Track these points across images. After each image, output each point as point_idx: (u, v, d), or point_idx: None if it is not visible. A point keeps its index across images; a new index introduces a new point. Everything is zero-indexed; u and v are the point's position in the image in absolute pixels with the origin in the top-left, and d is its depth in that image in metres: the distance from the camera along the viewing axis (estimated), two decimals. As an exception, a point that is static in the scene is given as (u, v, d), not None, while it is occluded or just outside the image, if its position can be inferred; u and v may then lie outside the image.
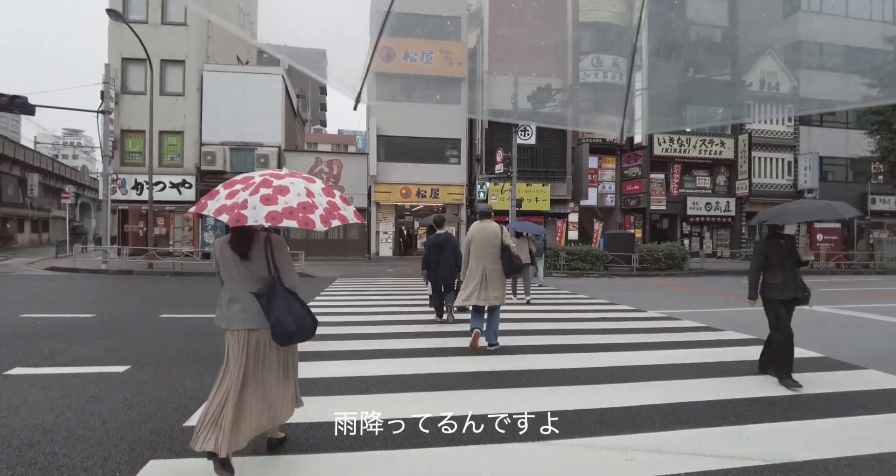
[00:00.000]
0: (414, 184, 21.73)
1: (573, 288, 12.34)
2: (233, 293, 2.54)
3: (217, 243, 2.62)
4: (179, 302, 9.02)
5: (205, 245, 20.65)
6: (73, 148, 73.03)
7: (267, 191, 2.24)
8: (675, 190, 24.69)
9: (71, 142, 76.35)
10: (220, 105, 20.94)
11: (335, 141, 62.86)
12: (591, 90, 23.33)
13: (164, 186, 20.67)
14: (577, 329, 6.56)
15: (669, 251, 18.16)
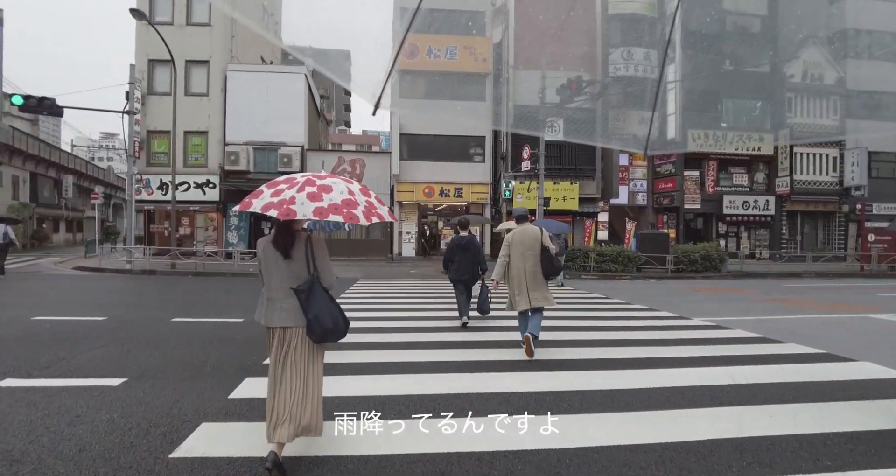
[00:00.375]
0: (437, 183, 21.26)
1: (606, 291, 11.64)
2: (273, 291, 2.64)
3: (260, 243, 2.72)
4: (195, 305, 8.74)
5: (228, 245, 20.61)
6: (108, 150, 75.18)
7: (312, 189, 2.37)
8: (710, 188, 23.57)
9: (105, 145, 78.64)
10: (244, 105, 20.89)
11: (359, 141, 62.93)
12: (621, 84, 22.46)
13: (189, 186, 20.72)
14: (618, 340, 5.94)
15: (706, 252, 17.20)
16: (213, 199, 20.82)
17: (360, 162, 21.28)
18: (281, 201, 2.31)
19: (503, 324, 6.83)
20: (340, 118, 71.47)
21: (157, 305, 8.54)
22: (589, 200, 21.58)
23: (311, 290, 2.53)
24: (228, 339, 5.66)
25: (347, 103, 75.74)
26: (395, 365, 4.60)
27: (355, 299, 9.62)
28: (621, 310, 8.60)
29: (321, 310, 2.52)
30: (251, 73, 21.11)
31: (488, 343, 5.69)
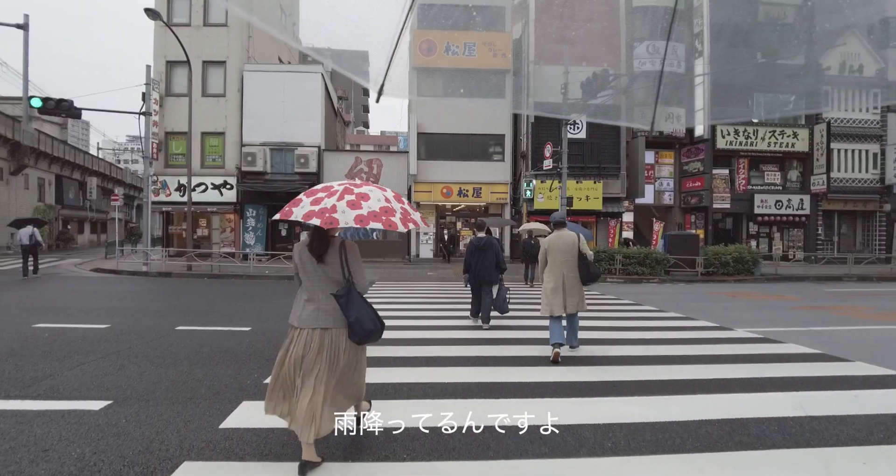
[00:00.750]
0: (455, 182, 20.76)
1: (635, 296, 10.97)
2: (310, 293, 2.75)
3: (296, 247, 2.82)
4: (204, 310, 8.39)
5: (245, 247, 20.45)
6: (132, 152, 76.68)
7: (351, 197, 2.46)
8: (740, 187, 22.56)
9: (131, 147, 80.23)
10: (261, 105, 20.71)
11: (377, 142, 62.89)
12: (646, 79, 21.61)
13: (206, 188, 20.63)
14: (658, 356, 5.33)
15: (738, 254, 16.34)
16: (230, 201, 20.68)
17: (378, 162, 20.90)
18: (322, 210, 2.41)
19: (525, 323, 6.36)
20: (359, 119, 71.54)
21: (164, 311, 8.22)
22: (613, 200, 20.81)
23: (348, 294, 2.64)
24: (231, 352, 5.25)
25: (366, 104, 75.79)
26: (420, 387, 4.11)
27: (370, 305, 9.17)
28: (656, 319, 7.96)
29: (361, 313, 2.63)
30: (268, 73, 20.91)
31: (510, 359, 5.16)
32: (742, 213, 22.89)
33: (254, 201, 20.66)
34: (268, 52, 23.69)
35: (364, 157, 20.96)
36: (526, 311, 8.39)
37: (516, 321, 7.50)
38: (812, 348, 5.69)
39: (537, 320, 7.10)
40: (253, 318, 7.41)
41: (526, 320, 7.52)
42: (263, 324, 6.97)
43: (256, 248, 20.46)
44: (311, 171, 20.28)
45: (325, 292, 2.71)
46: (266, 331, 6.45)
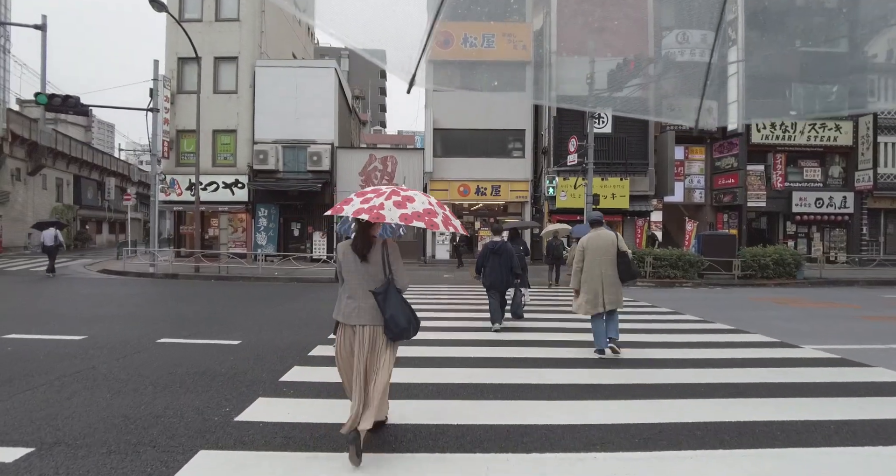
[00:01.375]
0: (473, 180, 19.88)
1: (672, 303, 9.93)
2: (352, 291, 2.87)
3: (340, 246, 2.98)
4: (197, 318, 7.67)
5: (257, 247, 19.88)
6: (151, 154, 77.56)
7: (397, 198, 2.70)
8: (777, 183, 21.18)
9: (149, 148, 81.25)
10: (273, 102, 20.14)
11: (394, 142, 62.13)
12: (676, 71, 20.40)
13: (218, 187, 20.14)
14: (724, 383, 4.37)
15: (779, 256, 15.10)
16: (241, 200, 20.15)
17: (392, 159, 20.14)
18: (371, 207, 2.60)
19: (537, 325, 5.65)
20: (376, 118, 71.12)
21: (154, 318, 7.52)
22: (640, 198, 19.67)
23: (387, 292, 2.78)
24: (209, 374, 4.46)
25: (383, 103, 75.39)
26: (414, 427, 3.26)
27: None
28: (703, 331, 6.96)
29: (397, 310, 2.78)
30: (280, 69, 20.32)
31: (525, 362, 4.27)
32: (779, 212, 21.51)
33: (265, 200, 20.09)
34: (281, 47, 23.14)
35: (378, 154, 20.22)
36: (546, 314, 7.49)
37: (541, 323, 6.67)
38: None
39: (555, 322, 7.00)
40: (247, 328, 6.66)
41: (548, 322, 6.70)
42: (257, 336, 6.20)
43: (268, 248, 19.89)
44: (324, 168, 19.61)
45: (365, 290, 2.83)
46: (257, 345, 5.66)
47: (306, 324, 7.18)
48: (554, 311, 8.87)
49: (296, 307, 8.89)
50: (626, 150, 19.69)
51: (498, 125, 19.98)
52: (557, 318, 7.84)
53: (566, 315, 7.90)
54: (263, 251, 19.73)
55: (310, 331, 6.61)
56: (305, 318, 7.73)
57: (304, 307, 8.92)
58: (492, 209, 21.33)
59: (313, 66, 20.75)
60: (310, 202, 19.98)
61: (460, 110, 19.90)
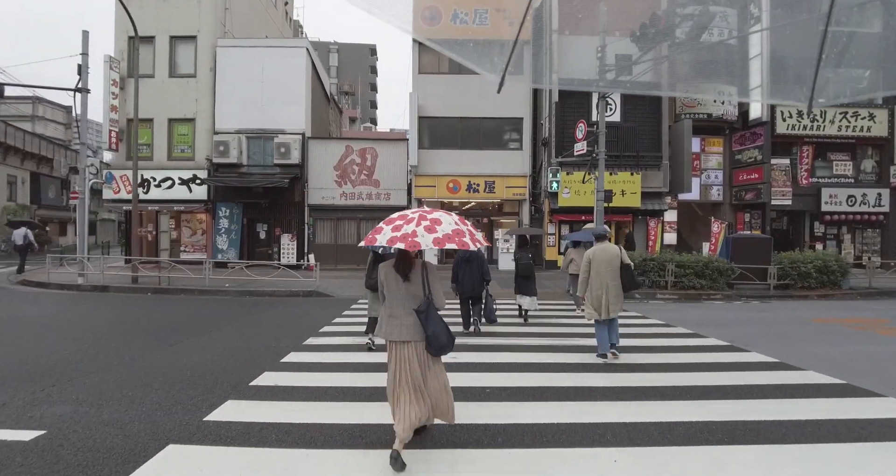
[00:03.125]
0: (464, 175, 17.52)
1: (712, 327, 7.59)
2: (393, 309, 3.09)
3: (382, 267, 3.14)
4: (53, 364, 5.27)
5: (217, 252, 17.44)
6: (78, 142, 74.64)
7: (426, 222, 2.87)
8: (803, 179, 18.95)
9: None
10: (236, 87, 17.72)
11: (386, 139, 59.77)
12: (691, 53, 18.12)
13: (173, 183, 17.69)
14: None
15: (823, 263, 12.84)
16: (200, 198, 17.69)
17: (372, 152, 17.74)
18: (404, 235, 2.79)
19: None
20: (366, 115, 68.64)
21: (26, 352, 5.11)
22: (653, 195, 17.38)
23: (427, 310, 3.00)
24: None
25: (373, 99, 72.97)
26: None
27: (335, 343, 5.97)
28: (802, 392, 4.63)
29: (438, 328, 3.00)
30: (244, 49, 17.87)
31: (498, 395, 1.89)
32: (805, 211, 19.28)
33: (227, 198, 17.65)
34: (251, 29, 20.66)
35: (356, 145, 17.81)
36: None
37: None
38: None
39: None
40: (106, 391, 4.27)
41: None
42: (92, 413, 3.80)
43: (230, 253, 17.47)
44: (292, 162, 17.19)
45: (406, 308, 3.05)
46: (68, 439, 3.27)
47: (215, 380, 4.77)
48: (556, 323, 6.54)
49: (232, 331, 6.49)
50: (637, 142, 17.40)
51: (492, 113, 17.62)
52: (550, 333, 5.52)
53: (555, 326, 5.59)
54: (225, 256, 17.36)
55: (213, 393, 4.21)
56: (223, 365, 5.33)
57: (233, 339, 6.53)
58: (485, 208, 18.98)
59: (282, 45, 18.30)
60: (277, 200, 17.58)
61: (450, 96, 17.53)
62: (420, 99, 17.45)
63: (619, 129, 16.87)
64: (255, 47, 17.99)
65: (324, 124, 21.48)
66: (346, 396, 4.29)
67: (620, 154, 16.77)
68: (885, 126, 18.63)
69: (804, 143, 18.87)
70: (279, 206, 17.71)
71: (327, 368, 5.19)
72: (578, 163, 16.89)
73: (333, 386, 4.55)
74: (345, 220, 17.80)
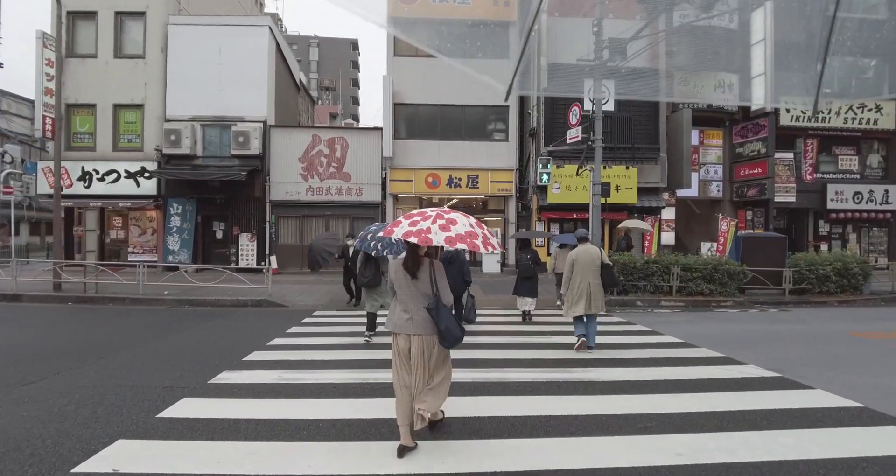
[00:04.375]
0: (444, 168, 15.90)
1: (735, 345, 6.09)
2: (404, 305, 3.20)
3: (392, 265, 3.32)
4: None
5: (168, 253, 15.57)
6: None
7: (442, 221, 2.98)
8: (807, 175, 17.74)
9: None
10: (191, 69, 15.86)
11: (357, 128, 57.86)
12: (691, 38, 16.76)
13: (119, 176, 15.76)
14: None
15: (843, 265, 11.51)
16: (149, 193, 15.78)
17: (342, 142, 16.01)
18: (419, 231, 2.91)
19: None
20: (348, 111, 66.59)
21: None
22: (650, 191, 15.98)
23: (438, 307, 3.09)
24: None
25: (355, 95, 70.98)
26: None
27: (267, 376, 4.26)
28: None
29: (450, 322, 3.09)
30: (199, 28, 16.00)
31: None
32: (809, 208, 18.09)
33: (180, 193, 15.77)
34: (212, 4, 18.76)
35: (324, 135, 16.05)
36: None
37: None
38: None
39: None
40: None
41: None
42: None
43: (182, 255, 15.60)
44: (252, 152, 15.38)
45: (417, 304, 3.15)
46: None
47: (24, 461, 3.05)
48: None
49: (103, 376, 4.76)
50: (633, 133, 15.98)
51: (475, 100, 16.02)
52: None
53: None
54: (176, 258, 15.49)
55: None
56: (59, 427, 3.60)
57: (121, 373, 4.79)
58: (468, 205, 17.36)
59: (242, 24, 16.43)
60: (236, 195, 15.75)
61: (428, 81, 15.88)
62: (396, 84, 15.78)
63: (613, 119, 15.35)
64: (212, 26, 16.11)
65: (292, 114, 19.67)
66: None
67: (615, 146, 15.31)
68: (892, 119, 17.51)
69: (808, 136, 17.66)
70: (238, 202, 15.88)
71: (223, 432, 3.50)
72: (570, 155, 15.40)
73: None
74: (311, 218, 16.03)
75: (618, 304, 10.49)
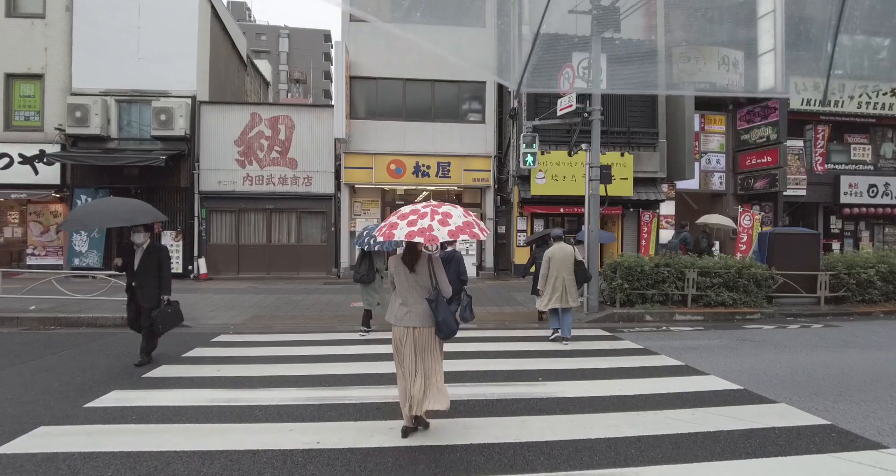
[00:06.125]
0: (410, 154, 13.47)
1: (815, 390, 3.85)
2: (403, 298, 3.34)
3: (392, 260, 3.43)
4: None
5: (74, 256, 12.79)
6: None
7: (438, 216, 3.03)
8: (819, 165, 15.88)
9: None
10: (102, 32, 13.11)
11: (305, 104, 55.07)
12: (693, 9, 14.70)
13: (11, 161, 12.93)
14: None
15: (889, 268, 9.50)
16: (50, 182, 12.96)
17: (287, 121, 13.41)
18: (421, 230, 2.95)
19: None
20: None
21: None
22: (647, 182, 13.86)
23: (437, 299, 3.24)
24: None
25: (328, 89, 67.85)
26: None
27: None
28: None
29: (447, 315, 3.24)
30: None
31: None
32: (818, 202, 16.24)
33: (89, 182, 13.00)
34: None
35: (265, 113, 13.41)
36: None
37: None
38: None
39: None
40: None
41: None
42: None
43: (90, 257, 12.83)
44: (177, 133, 12.68)
45: (416, 297, 3.30)
46: None
47: None
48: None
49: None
50: (628, 115, 13.86)
51: (447, 75, 13.63)
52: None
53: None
54: (83, 261, 12.75)
55: None
56: None
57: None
58: (439, 198, 14.96)
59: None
60: (158, 185, 13.07)
61: (392, 51, 13.43)
62: (353, 53, 13.28)
63: (607, 99, 13.17)
64: (129, -19, 13.34)
65: (237, 95, 16.96)
66: None
67: (608, 129, 13.09)
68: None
69: (819, 122, 15.80)
70: (160, 193, 13.18)
71: None
72: (557, 139, 13.18)
73: None
74: (250, 213, 13.40)
75: (622, 318, 8.26)
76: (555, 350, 6.07)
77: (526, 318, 8.36)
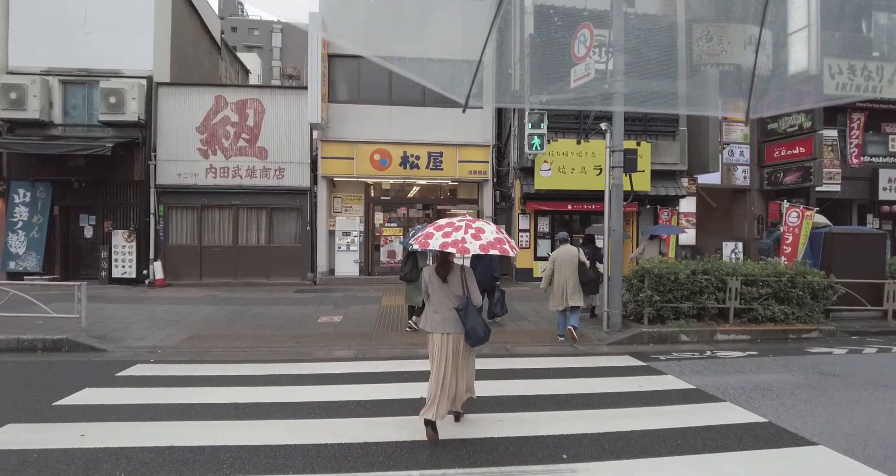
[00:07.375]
0: (396, 143, 11.83)
1: None
2: (437, 307, 3.52)
3: (425, 270, 3.65)
4: None
5: (10, 258, 11.11)
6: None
7: (472, 231, 3.25)
8: (854, 157, 14.30)
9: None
10: (43, 3, 11.44)
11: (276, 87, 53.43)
12: None
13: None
14: None
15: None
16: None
17: (256, 105, 11.73)
18: (455, 241, 3.17)
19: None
20: (314, 102, 61.67)
21: None
22: (666, 175, 12.24)
23: (467, 308, 3.42)
24: None
25: (322, 85, 66.17)
26: None
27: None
28: None
29: (476, 323, 3.41)
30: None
31: None
32: (853, 199, 14.64)
33: (27, 174, 11.31)
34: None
35: (231, 96, 11.73)
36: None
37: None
38: None
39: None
40: None
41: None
42: None
43: (28, 260, 11.16)
44: (129, 119, 11.00)
45: (448, 305, 3.48)
46: None
47: None
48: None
49: None
50: (645, 102, 12.18)
51: (440, 53, 11.94)
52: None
53: None
54: (20, 265, 11.09)
55: None
56: None
57: None
58: (430, 194, 13.33)
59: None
60: (107, 178, 11.40)
61: (376, 25, 11.71)
62: (332, 28, 11.62)
63: (621, 79, 11.57)
64: (76, -56, 11.66)
65: (206, 79, 15.22)
66: None
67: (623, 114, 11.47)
68: (953, 89, 14.16)
69: (855, 109, 14.21)
70: (111, 186, 11.53)
71: None
72: (565, 126, 11.56)
73: None
74: (214, 210, 11.72)
75: (652, 339, 6.65)
76: (576, 393, 4.45)
77: (534, 337, 6.75)
